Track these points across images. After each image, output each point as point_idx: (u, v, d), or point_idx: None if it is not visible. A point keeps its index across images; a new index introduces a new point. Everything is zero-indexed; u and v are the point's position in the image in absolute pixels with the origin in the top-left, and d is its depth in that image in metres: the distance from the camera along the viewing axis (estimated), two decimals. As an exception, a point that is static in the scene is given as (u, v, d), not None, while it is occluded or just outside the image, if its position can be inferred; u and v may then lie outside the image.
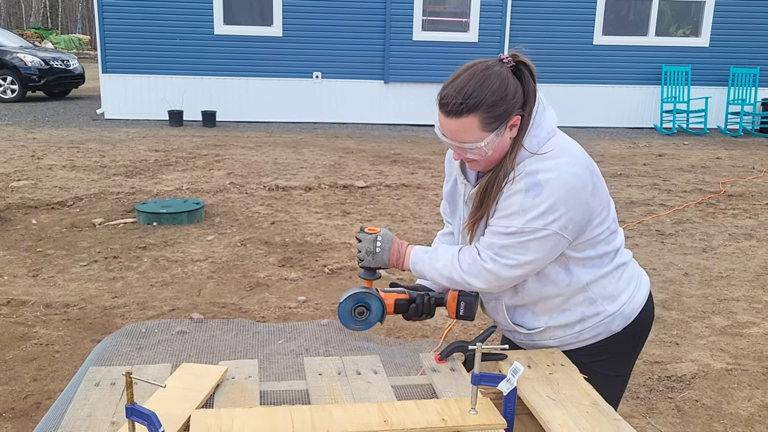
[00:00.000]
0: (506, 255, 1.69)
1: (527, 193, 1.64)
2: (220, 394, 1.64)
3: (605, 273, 1.80)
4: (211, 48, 11.74)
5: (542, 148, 1.67)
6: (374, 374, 1.76)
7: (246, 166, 8.35)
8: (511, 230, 1.66)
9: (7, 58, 14.57)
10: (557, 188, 1.62)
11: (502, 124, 1.64)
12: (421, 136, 11.07)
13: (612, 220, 1.80)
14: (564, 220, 1.64)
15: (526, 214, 1.64)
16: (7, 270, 4.81)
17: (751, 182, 8.24)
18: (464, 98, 1.60)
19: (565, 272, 1.77)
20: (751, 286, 4.83)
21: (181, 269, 4.89)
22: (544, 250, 1.68)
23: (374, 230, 1.83)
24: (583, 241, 1.74)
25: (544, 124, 1.70)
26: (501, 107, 1.62)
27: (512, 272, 1.71)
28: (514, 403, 1.55)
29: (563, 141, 1.72)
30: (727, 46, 12.30)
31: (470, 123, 1.62)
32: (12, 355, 3.61)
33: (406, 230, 5.91)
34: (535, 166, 1.65)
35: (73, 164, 8.19)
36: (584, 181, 1.66)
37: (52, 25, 42.23)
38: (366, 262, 1.82)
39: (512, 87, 1.63)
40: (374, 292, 1.83)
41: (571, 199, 1.64)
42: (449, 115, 1.64)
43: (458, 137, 1.65)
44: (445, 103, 1.64)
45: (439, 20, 12.15)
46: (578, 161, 1.68)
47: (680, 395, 3.36)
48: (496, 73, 1.62)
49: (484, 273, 1.72)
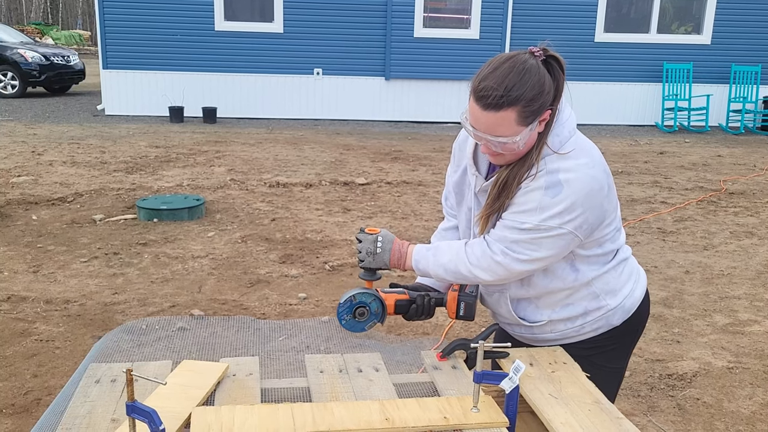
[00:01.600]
0: (518, 250, 1.69)
1: (546, 191, 1.63)
2: (221, 392, 1.63)
3: (609, 269, 1.82)
4: (212, 44, 11.72)
5: (563, 147, 1.67)
6: (376, 372, 1.76)
7: (246, 162, 8.34)
8: (526, 226, 1.66)
9: (8, 53, 14.55)
10: (577, 189, 1.62)
11: (536, 119, 1.62)
12: (422, 133, 11.06)
13: (618, 219, 1.82)
14: (580, 220, 1.65)
15: (543, 212, 1.64)
16: (7, 266, 4.80)
17: (752, 180, 8.23)
18: (505, 91, 1.57)
19: (571, 268, 1.78)
20: (753, 284, 4.83)
21: (181, 266, 4.88)
22: (556, 248, 1.68)
23: (374, 231, 1.82)
24: (592, 240, 1.75)
25: (566, 123, 1.70)
26: (538, 102, 1.60)
27: (522, 267, 1.70)
28: (516, 402, 1.55)
29: (582, 141, 1.72)
30: (728, 44, 12.27)
31: (508, 117, 1.59)
32: (12, 351, 3.60)
33: (407, 227, 5.90)
34: (556, 165, 1.65)
35: (73, 160, 8.18)
36: (602, 183, 1.67)
37: (53, 21, 42.19)
38: (366, 262, 1.81)
39: (548, 82, 1.62)
40: (374, 293, 1.83)
41: (588, 201, 1.64)
42: (488, 108, 1.59)
43: (493, 131, 1.62)
44: (484, 95, 1.59)
45: (441, 17, 12.12)
46: (597, 163, 1.68)
47: (681, 393, 3.35)
48: (534, 66, 1.60)
49: (494, 266, 1.71)
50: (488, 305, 1.96)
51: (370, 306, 1.82)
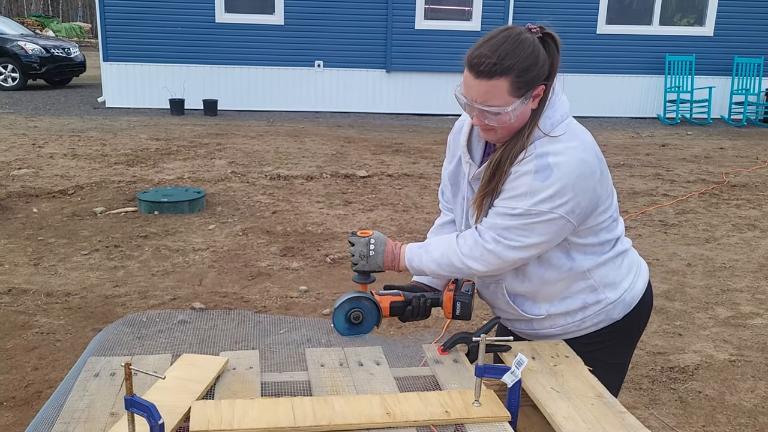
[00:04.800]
0: (509, 236, 1.67)
1: (536, 175, 1.62)
2: (221, 385, 1.62)
3: (606, 260, 1.80)
4: (213, 36, 11.68)
5: (554, 131, 1.66)
6: (377, 365, 1.75)
7: (247, 155, 8.32)
8: (516, 212, 1.65)
9: (8, 46, 14.51)
10: (567, 172, 1.61)
11: (529, 92, 1.62)
12: (422, 126, 11.03)
13: (614, 208, 1.80)
14: (571, 204, 1.63)
15: (533, 197, 1.62)
16: (8, 258, 4.80)
17: (754, 173, 8.21)
18: (498, 59, 1.57)
19: (566, 257, 1.76)
20: (755, 277, 4.81)
21: (182, 258, 4.88)
22: (548, 234, 1.66)
23: (367, 233, 1.80)
24: (586, 228, 1.73)
25: (558, 106, 1.69)
26: (531, 73, 1.60)
27: (515, 254, 1.69)
28: (518, 396, 1.54)
29: (574, 126, 1.71)
30: (731, 36, 12.21)
31: (500, 86, 1.59)
32: (13, 344, 3.60)
33: (408, 220, 5.89)
34: (546, 149, 1.64)
35: (74, 153, 8.16)
36: (593, 167, 1.65)
37: (53, 13, 42.09)
38: (360, 265, 1.80)
39: (542, 56, 1.61)
40: (369, 295, 1.82)
41: (579, 185, 1.62)
42: (480, 75, 1.59)
43: (486, 100, 1.61)
44: (477, 63, 1.59)
45: (442, 8, 12.07)
46: (588, 147, 1.67)
47: (683, 386, 3.34)
48: (529, 39, 1.60)
49: (486, 254, 1.70)
50: (486, 298, 1.94)
51: (366, 309, 1.81)
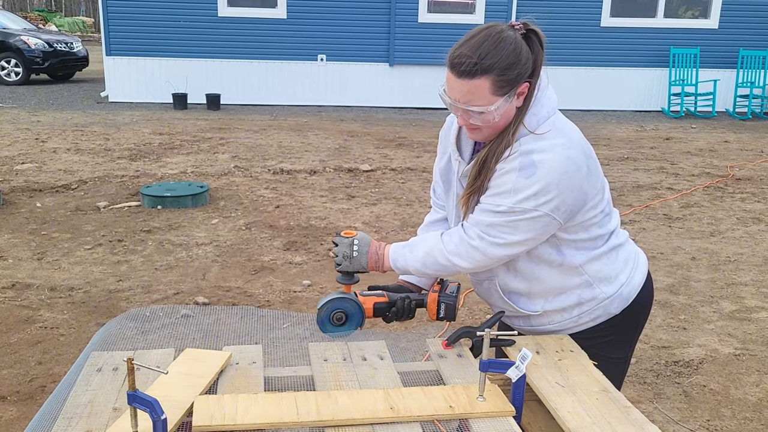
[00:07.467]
0: (494, 234, 1.66)
1: (520, 173, 1.61)
2: (224, 380, 1.62)
3: (599, 255, 1.78)
4: (216, 30, 11.66)
5: (540, 128, 1.64)
6: (380, 360, 1.74)
7: (250, 149, 8.32)
8: (501, 209, 1.64)
9: (11, 40, 14.52)
10: (551, 170, 1.60)
11: (513, 90, 1.60)
12: (426, 120, 11.00)
13: (606, 203, 1.77)
14: (556, 202, 1.62)
15: (517, 194, 1.61)
16: (11, 253, 4.80)
17: (759, 166, 8.17)
18: (479, 58, 1.56)
19: (557, 253, 1.75)
20: (760, 271, 4.79)
21: (185, 253, 4.87)
22: (533, 231, 1.65)
23: (351, 234, 1.80)
24: (576, 224, 1.71)
25: (544, 102, 1.67)
26: (514, 71, 1.58)
27: (499, 251, 1.68)
28: (522, 390, 1.53)
29: (561, 122, 1.69)
30: (736, 28, 12.14)
31: (482, 85, 1.58)
32: (17, 339, 3.61)
33: (411, 214, 5.88)
34: (531, 146, 1.62)
35: (77, 147, 8.16)
36: (579, 164, 1.63)
37: (56, 8, 42.06)
38: (344, 266, 1.79)
39: (525, 53, 1.60)
40: (352, 296, 1.81)
41: (564, 182, 1.61)
42: (462, 75, 1.58)
43: (468, 100, 1.60)
44: (458, 62, 1.58)
45: (445, 1, 12.02)
46: (574, 144, 1.65)
47: (688, 380, 3.33)
48: (510, 37, 1.59)
49: (471, 251, 1.69)
50: (481, 295, 1.93)
51: (348, 311, 1.81)
